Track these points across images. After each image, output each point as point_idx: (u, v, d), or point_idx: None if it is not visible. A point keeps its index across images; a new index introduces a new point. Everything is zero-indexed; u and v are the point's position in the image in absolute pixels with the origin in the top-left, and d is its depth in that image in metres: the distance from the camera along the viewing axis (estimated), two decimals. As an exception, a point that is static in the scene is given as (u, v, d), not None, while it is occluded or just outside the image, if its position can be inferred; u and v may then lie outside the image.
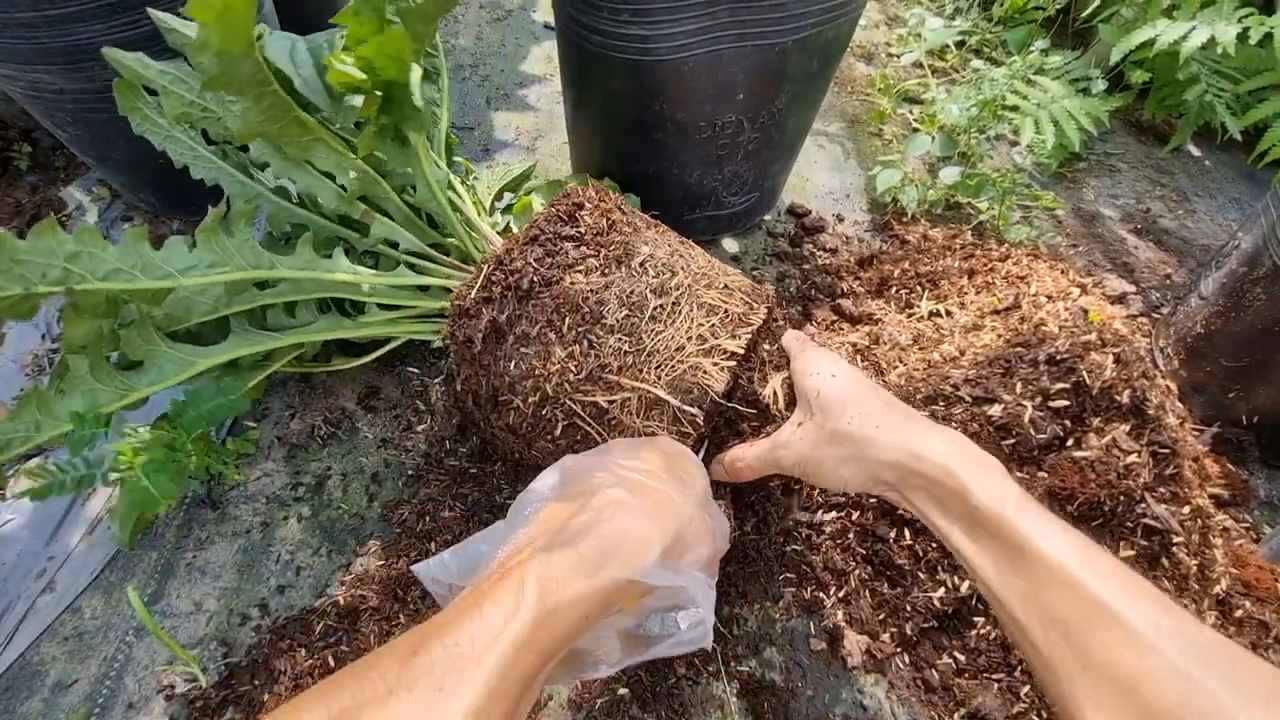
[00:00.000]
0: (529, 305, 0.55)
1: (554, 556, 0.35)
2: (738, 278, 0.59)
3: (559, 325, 0.54)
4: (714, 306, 0.55)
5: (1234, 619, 0.68)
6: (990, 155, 1.25)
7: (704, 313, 0.54)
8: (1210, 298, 0.83)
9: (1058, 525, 0.36)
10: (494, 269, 0.57)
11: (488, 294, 0.57)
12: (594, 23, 0.76)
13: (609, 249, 0.57)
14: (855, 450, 0.45)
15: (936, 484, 0.41)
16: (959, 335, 0.80)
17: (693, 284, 0.56)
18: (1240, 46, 1.08)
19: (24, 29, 0.74)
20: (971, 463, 0.41)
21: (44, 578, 0.68)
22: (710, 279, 0.57)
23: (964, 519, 0.39)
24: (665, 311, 0.54)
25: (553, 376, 0.54)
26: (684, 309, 0.54)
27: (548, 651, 0.33)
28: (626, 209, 0.63)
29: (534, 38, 1.48)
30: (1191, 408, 0.86)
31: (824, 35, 0.79)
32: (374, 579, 0.68)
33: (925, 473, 0.41)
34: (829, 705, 0.63)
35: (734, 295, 0.56)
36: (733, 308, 0.55)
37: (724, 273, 0.59)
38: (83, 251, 0.56)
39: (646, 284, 0.55)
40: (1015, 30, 1.46)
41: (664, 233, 0.62)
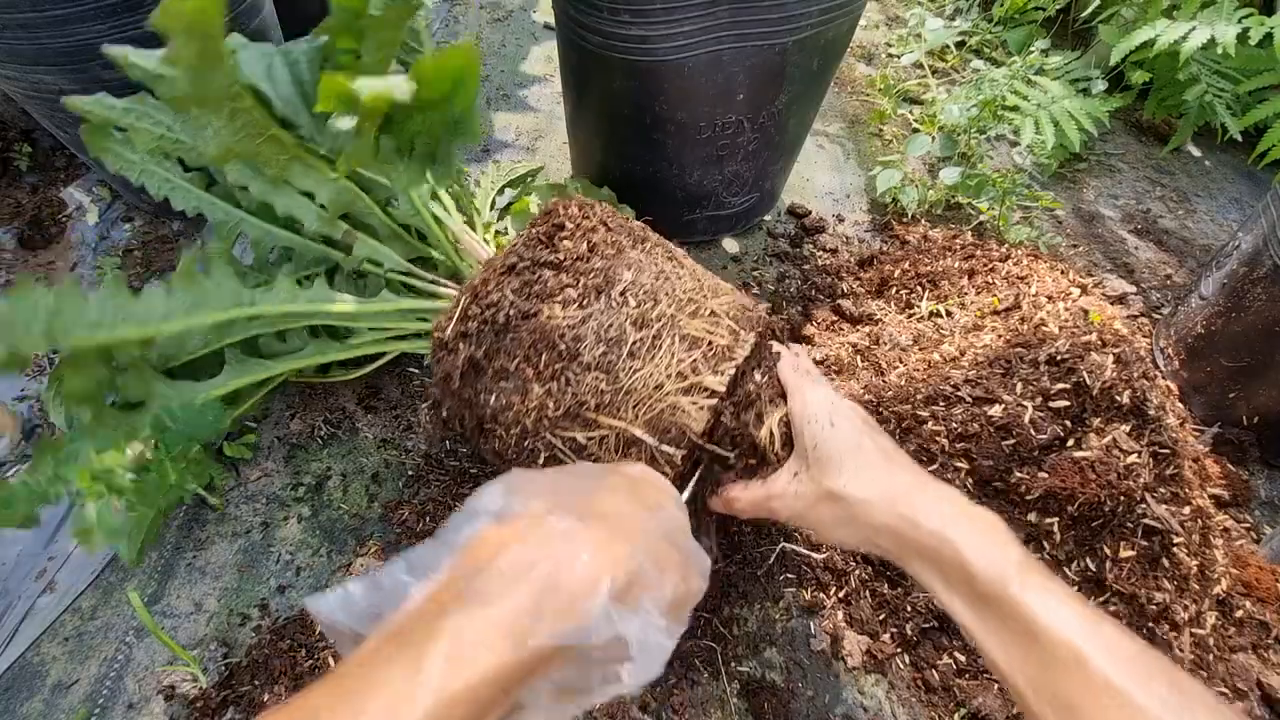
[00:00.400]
0: (506, 339, 0.54)
1: (475, 614, 0.28)
2: (728, 299, 0.56)
3: (536, 362, 0.52)
4: (697, 339, 0.52)
5: (1234, 619, 0.68)
6: (990, 156, 1.25)
7: (686, 346, 0.52)
8: (1211, 298, 0.83)
9: (1061, 593, 0.35)
10: (470, 302, 0.55)
11: (464, 329, 0.55)
12: (594, 23, 0.76)
13: (588, 276, 0.54)
14: (850, 513, 0.43)
15: (934, 553, 0.39)
16: (959, 335, 0.80)
17: (676, 313, 0.53)
18: (1240, 47, 1.08)
19: (24, 30, 0.74)
20: (970, 528, 0.39)
21: (44, 578, 0.68)
22: (697, 305, 0.54)
23: (965, 591, 0.38)
24: (645, 346, 0.51)
25: (531, 412, 0.53)
26: (664, 343, 0.51)
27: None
28: (613, 223, 0.60)
29: (534, 38, 1.48)
30: (1192, 408, 0.86)
31: (824, 36, 0.79)
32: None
33: (922, 541, 0.40)
34: (829, 705, 0.63)
35: (720, 324, 0.53)
36: (718, 339, 0.52)
37: (714, 293, 0.56)
38: (64, 307, 0.57)
39: (626, 316, 0.52)
40: (1015, 31, 1.46)
41: (651, 250, 0.58)
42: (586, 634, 0.30)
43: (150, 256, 0.99)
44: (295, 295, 0.64)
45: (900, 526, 0.41)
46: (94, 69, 0.77)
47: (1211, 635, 0.65)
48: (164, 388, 0.66)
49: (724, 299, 0.56)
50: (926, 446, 0.68)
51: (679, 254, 0.60)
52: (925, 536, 0.39)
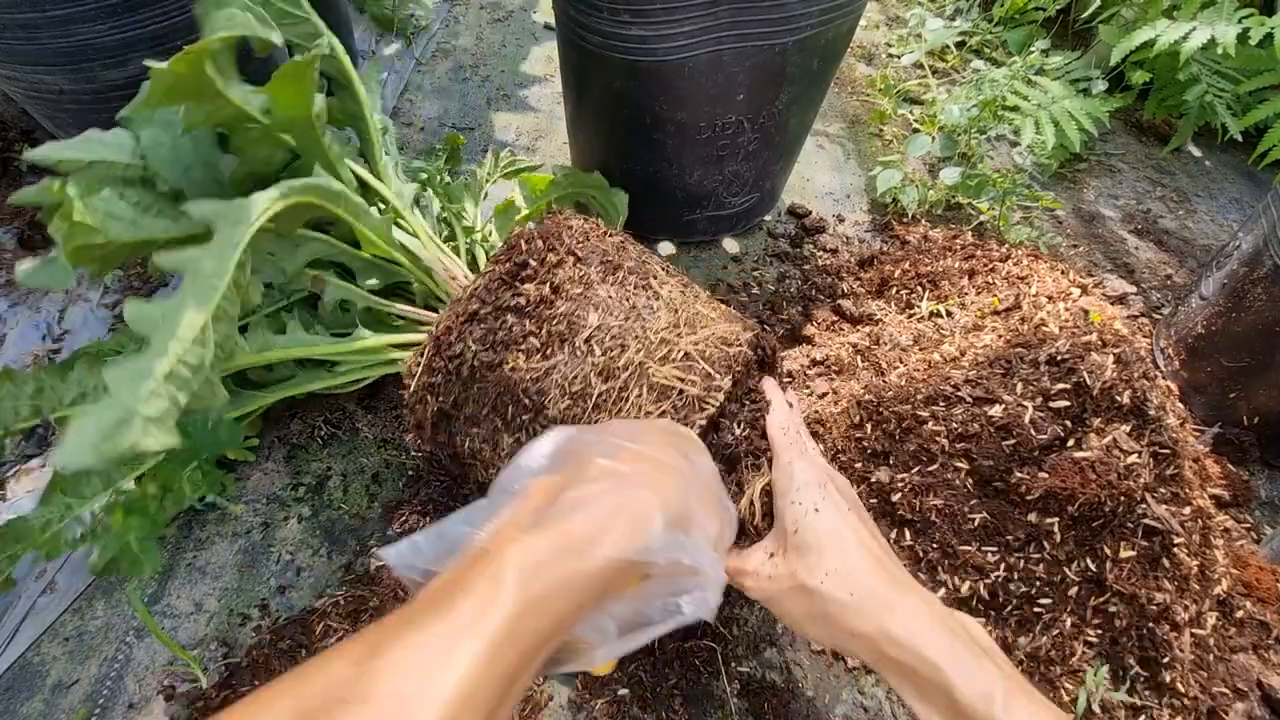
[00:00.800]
0: (473, 389, 0.52)
1: (538, 537, 0.30)
2: (706, 333, 0.52)
3: (503, 413, 0.51)
4: (666, 389, 0.49)
5: (1235, 620, 0.68)
6: (991, 156, 1.25)
7: (654, 397, 0.49)
8: (1211, 298, 0.83)
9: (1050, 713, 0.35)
10: (434, 354, 0.54)
11: (430, 381, 0.54)
12: (594, 23, 0.76)
13: (551, 323, 0.51)
14: (824, 611, 0.40)
15: (913, 672, 0.37)
16: (959, 336, 0.80)
17: (645, 360, 0.50)
18: (1240, 47, 1.08)
19: (25, 30, 0.74)
20: (953, 647, 0.37)
21: (44, 578, 0.68)
22: (669, 346, 0.51)
23: (945, 708, 0.36)
24: (610, 398, 0.49)
25: (505, 459, 0.52)
26: (631, 394, 0.49)
27: (532, 648, 0.28)
28: (584, 249, 0.55)
29: (534, 38, 1.49)
30: (1192, 408, 0.86)
31: (824, 36, 0.79)
32: (375, 579, 0.68)
33: (900, 659, 0.38)
34: (829, 706, 0.63)
35: (694, 369, 0.50)
36: (689, 388, 0.49)
37: (691, 327, 0.52)
38: (44, 387, 0.60)
39: (591, 366, 0.50)
40: (1015, 31, 1.46)
41: (624, 281, 0.54)
42: (650, 553, 0.32)
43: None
44: (270, 342, 0.62)
45: (878, 640, 0.38)
46: (94, 69, 0.77)
47: (1212, 636, 0.65)
48: None
49: (701, 334, 0.52)
50: (926, 446, 0.68)
51: (657, 279, 0.56)
52: (905, 655, 0.37)
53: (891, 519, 0.68)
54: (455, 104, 1.30)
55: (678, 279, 0.58)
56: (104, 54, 0.76)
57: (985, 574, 0.64)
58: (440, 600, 0.28)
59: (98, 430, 0.35)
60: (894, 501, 0.68)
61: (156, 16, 0.76)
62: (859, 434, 0.73)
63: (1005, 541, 0.65)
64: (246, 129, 0.53)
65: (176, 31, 0.79)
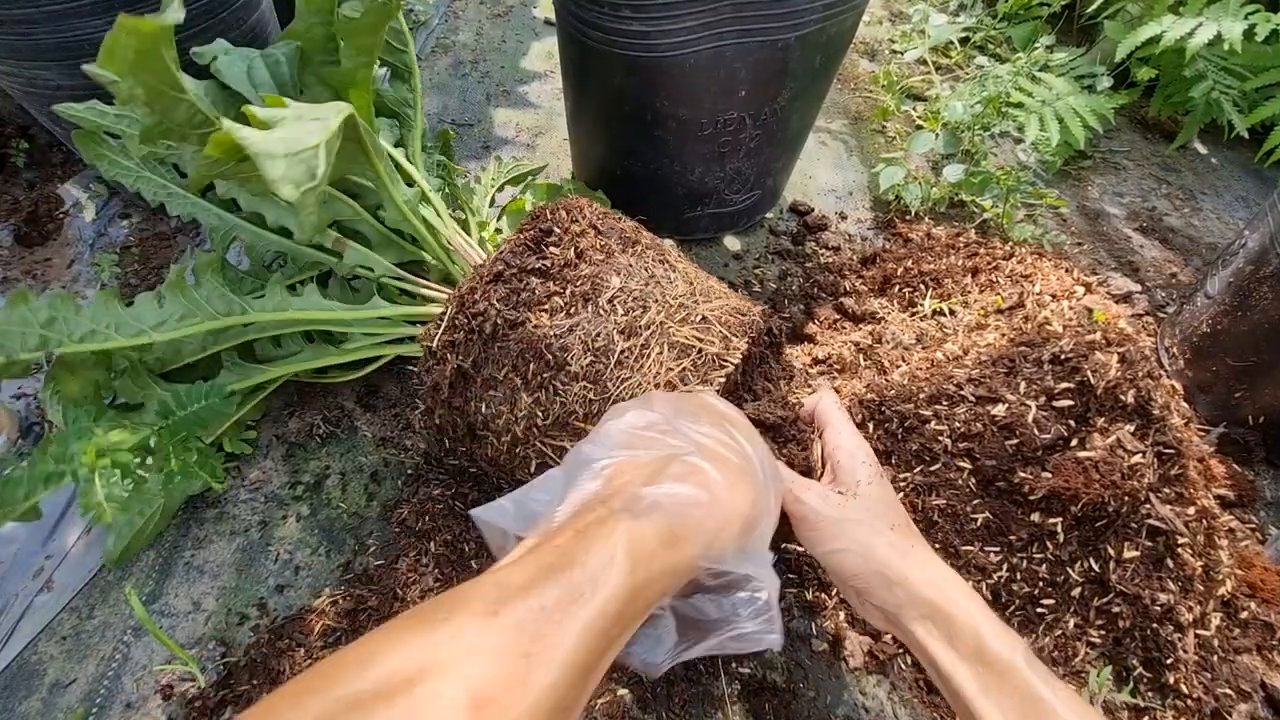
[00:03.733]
0: (494, 348, 0.53)
1: (643, 524, 0.32)
2: (721, 303, 0.55)
3: (524, 371, 0.52)
4: (686, 346, 0.51)
5: (1239, 620, 0.67)
6: (994, 153, 1.25)
7: (674, 355, 0.51)
8: (1216, 297, 0.82)
9: (1062, 683, 0.38)
10: (456, 312, 0.55)
11: (452, 338, 0.55)
12: (595, 19, 0.75)
13: (575, 284, 0.53)
14: (872, 552, 0.43)
15: (947, 617, 0.40)
16: (962, 334, 0.79)
17: (665, 320, 0.52)
18: (1247, 43, 1.07)
19: (21, 25, 0.73)
20: (985, 608, 0.40)
21: (42, 576, 0.68)
22: (687, 310, 0.53)
23: (973, 657, 0.39)
24: (632, 356, 0.51)
25: (521, 421, 0.53)
26: (653, 352, 0.51)
27: (629, 626, 0.30)
28: (604, 225, 0.58)
29: (535, 34, 1.48)
30: (1197, 408, 0.86)
31: (826, 31, 0.78)
32: (373, 578, 0.68)
33: (937, 601, 0.40)
34: (830, 706, 0.63)
35: (712, 329, 0.52)
36: (708, 346, 0.51)
37: (706, 297, 0.55)
38: (57, 317, 0.59)
39: (614, 324, 0.51)
40: (1020, 27, 1.45)
41: (642, 253, 0.57)
42: (724, 560, 0.34)
43: (148, 253, 0.99)
44: (287, 303, 0.64)
45: (917, 581, 0.41)
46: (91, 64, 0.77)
47: (1216, 636, 0.64)
48: (162, 390, 0.66)
49: (716, 303, 0.55)
50: (929, 446, 0.68)
51: (672, 256, 0.59)
52: (941, 596, 0.41)
53: (893, 519, 0.68)
54: (455, 100, 1.30)
55: (688, 261, 0.61)
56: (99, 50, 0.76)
57: (988, 574, 0.64)
58: (557, 570, 0.29)
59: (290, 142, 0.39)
60: (896, 501, 0.67)
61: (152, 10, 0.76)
62: (861, 433, 0.72)
63: (1008, 541, 0.64)
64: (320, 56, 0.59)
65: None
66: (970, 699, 0.38)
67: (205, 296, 0.63)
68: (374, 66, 0.58)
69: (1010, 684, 0.37)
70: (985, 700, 0.37)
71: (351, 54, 0.55)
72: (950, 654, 0.39)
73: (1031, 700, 0.36)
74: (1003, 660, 0.38)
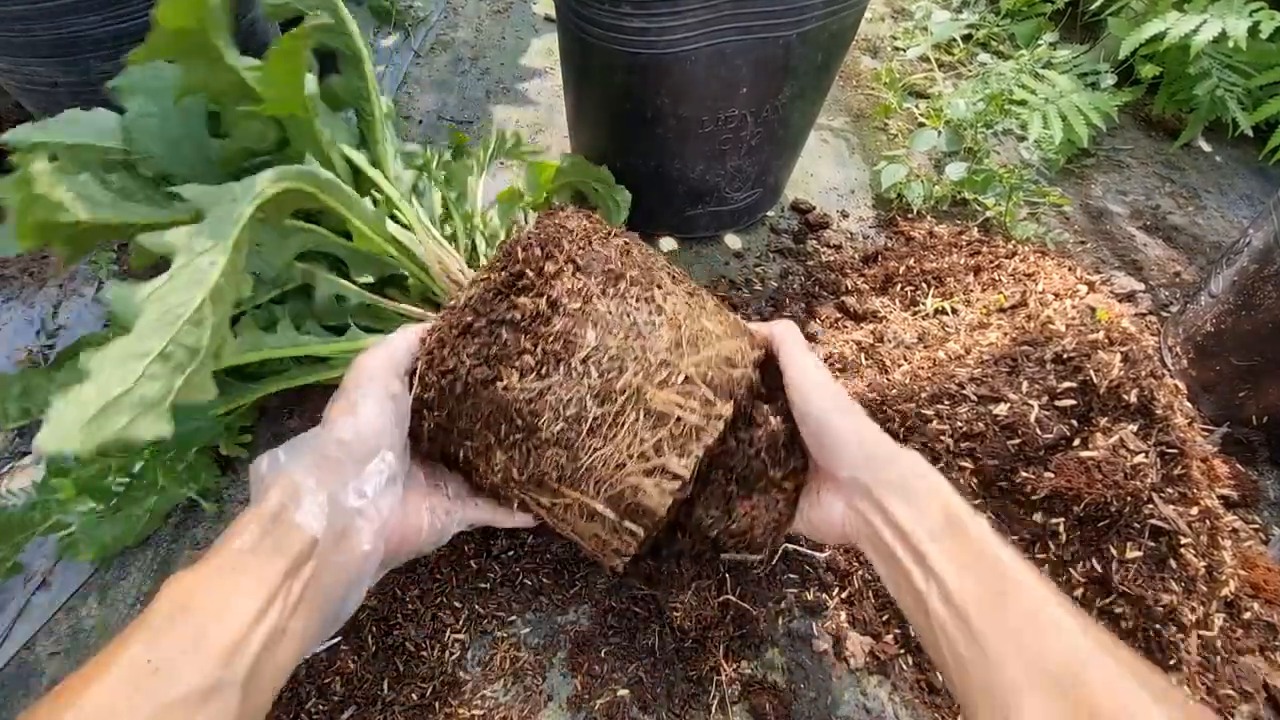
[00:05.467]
0: (466, 404, 0.51)
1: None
2: (710, 352, 0.50)
3: (496, 430, 0.50)
4: (664, 415, 0.47)
5: (1242, 621, 0.67)
6: (997, 151, 1.24)
7: (650, 424, 0.47)
8: (1220, 296, 0.82)
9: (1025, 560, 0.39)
10: (425, 369, 0.52)
11: (423, 395, 0.52)
12: (595, 15, 0.75)
13: (548, 341, 0.49)
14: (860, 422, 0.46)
15: (919, 477, 0.42)
16: (964, 333, 0.79)
17: (644, 383, 0.48)
18: (1252, 41, 1.07)
19: (18, 22, 0.73)
20: (950, 487, 0.43)
21: (39, 576, 0.68)
22: (670, 369, 0.48)
23: (938, 516, 0.40)
24: (605, 424, 0.47)
25: (498, 473, 0.51)
26: (627, 420, 0.47)
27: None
28: (585, 258, 0.52)
29: (534, 30, 1.47)
30: (1200, 407, 0.85)
31: (828, 28, 0.77)
32: (372, 578, 0.68)
33: (907, 465, 0.43)
34: (831, 707, 0.62)
35: (694, 393, 0.48)
36: (688, 415, 0.48)
37: (695, 346, 0.50)
38: (30, 386, 0.61)
39: (587, 388, 0.48)
40: (1023, 24, 1.45)
41: (625, 293, 0.51)
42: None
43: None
44: (260, 341, 0.61)
45: (879, 455, 0.44)
46: (88, 61, 0.76)
47: (1219, 637, 0.64)
48: None
49: (704, 354, 0.50)
50: (931, 445, 0.67)
51: (663, 286, 0.53)
52: (911, 463, 0.43)
53: (894, 519, 0.68)
54: (454, 97, 1.29)
55: (684, 286, 0.55)
56: (97, 45, 0.76)
57: (989, 575, 0.64)
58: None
59: (81, 413, 0.32)
60: (897, 501, 0.67)
61: (149, 8, 0.75)
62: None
63: (1010, 542, 0.64)
64: (239, 105, 0.52)
65: None
66: (934, 564, 0.38)
67: None
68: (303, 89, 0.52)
69: (979, 552, 0.38)
70: (948, 565, 0.38)
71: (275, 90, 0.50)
72: (912, 514, 0.41)
73: (998, 567, 0.37)
74: (972, 528, 0.39)
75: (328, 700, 0.60)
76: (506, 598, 0.67)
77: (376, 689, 0.61)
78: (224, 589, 0.35)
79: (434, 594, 0.66)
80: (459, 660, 0.63)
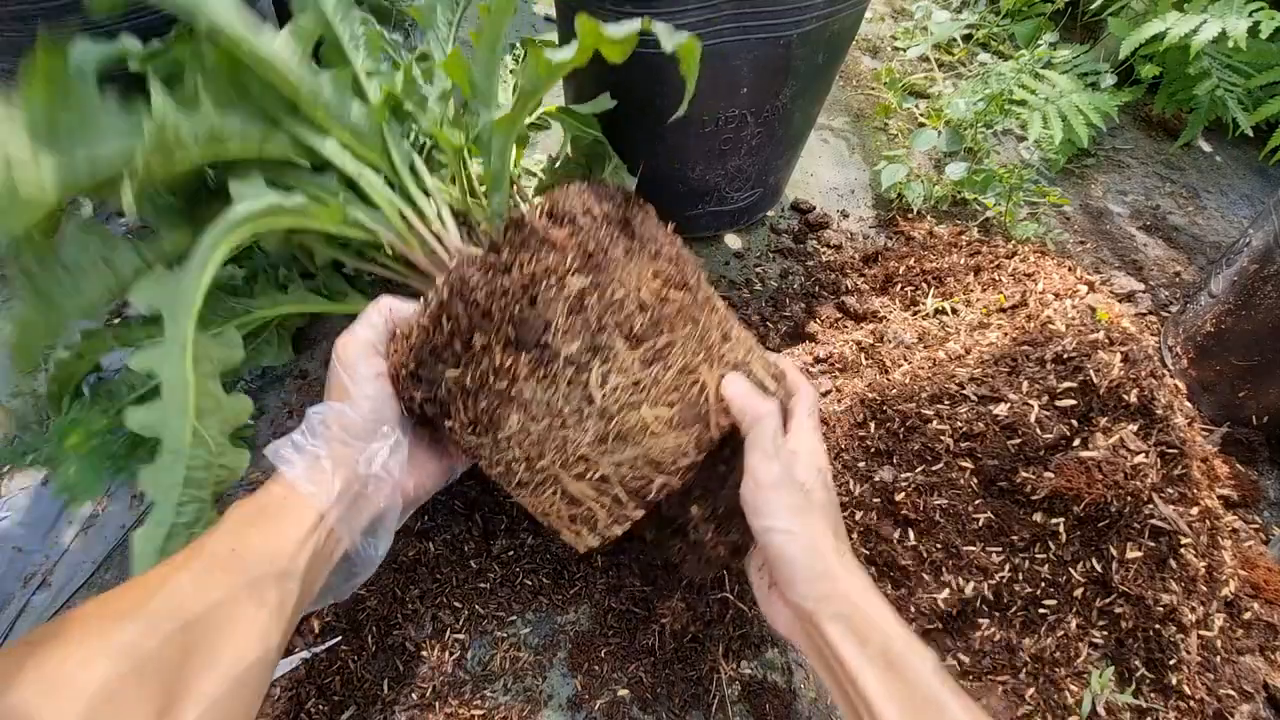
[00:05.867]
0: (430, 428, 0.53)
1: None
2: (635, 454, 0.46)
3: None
4: (577, 500, 0.47)
5: (1242, 621, 0.67)
6: (997, 151, 1.24)
7: (567, 502, 0.48)
8: (1220, 296, 0.82)
9: (967, 697, 0.39)
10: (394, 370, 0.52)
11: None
12: (595, 15, 0.75)
13: (473, 409, 0.47)
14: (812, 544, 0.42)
15: (864, 617, 0.40)
16: (965, 333, 0.79)
17: (561, 472, 0.47)
18: (1252, 40, 1.07)
19: (19, 21, 0.73)
20: (896, 615, 0.41)
21: (38, 576, 0.68)
22: (588, 465, 0.46)
23: (882, 660, 0.39)
24: (530, 486, 0.49)
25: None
26: (548, 491, 0.48)
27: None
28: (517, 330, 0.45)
29: (534, 30, 1.47)
30: (1200, 407, 0.85)
31: (829, 28, 0.77)
32: (372, 578, 0.67)
33: (855, 603, 0.41)
34: (832, 707, 0.62)
35: (608, 493, 0.47)
36: (597, 511, 0.47)
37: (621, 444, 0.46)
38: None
39: (513, 457, 0.48)
40: (1023, 24, 1.45)
41: (556, 380, 0.45)
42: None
43: (148, 251, 0.98)
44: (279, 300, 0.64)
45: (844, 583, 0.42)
46: (89, 61, 0.76)
47: (1219, 637, 0.64)
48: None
49: (630, 453, 0.45)
50: (931, 445, 0.67)
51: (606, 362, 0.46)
52: (864, 602, 0.41)
53: (895, 519, 0.68)
54: (455, 97, 1.29)
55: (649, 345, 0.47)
56: (98, 45, 0.75)
57: (990, 574, 0.64)
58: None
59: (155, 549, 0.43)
60: (897, 501, 0.67)
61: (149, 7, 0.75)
62: (862, 433, 0.72)
63: (1010, 542, 0.64)
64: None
65: (170, 20, 0.78)
66: (873, 700, 0.38)
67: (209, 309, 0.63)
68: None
69: (917, 690, 0.37)
70: (889, 704, 0.37)
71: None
72: (860, 655, 0.39)
73: (935, 706, 0.37)
74: (912, 667, 0.38)
75: (328, 700, 0.60)
76: (506, 598, 0.67)
77: (376, 689, 0.61)
78: (278, 514, 0.42)
79: (434, 594, 0.66)
80: (459, 660, 0.63)
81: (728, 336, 0.51)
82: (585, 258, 0.47)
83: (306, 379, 0.84)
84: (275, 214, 0.52)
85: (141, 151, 0.45)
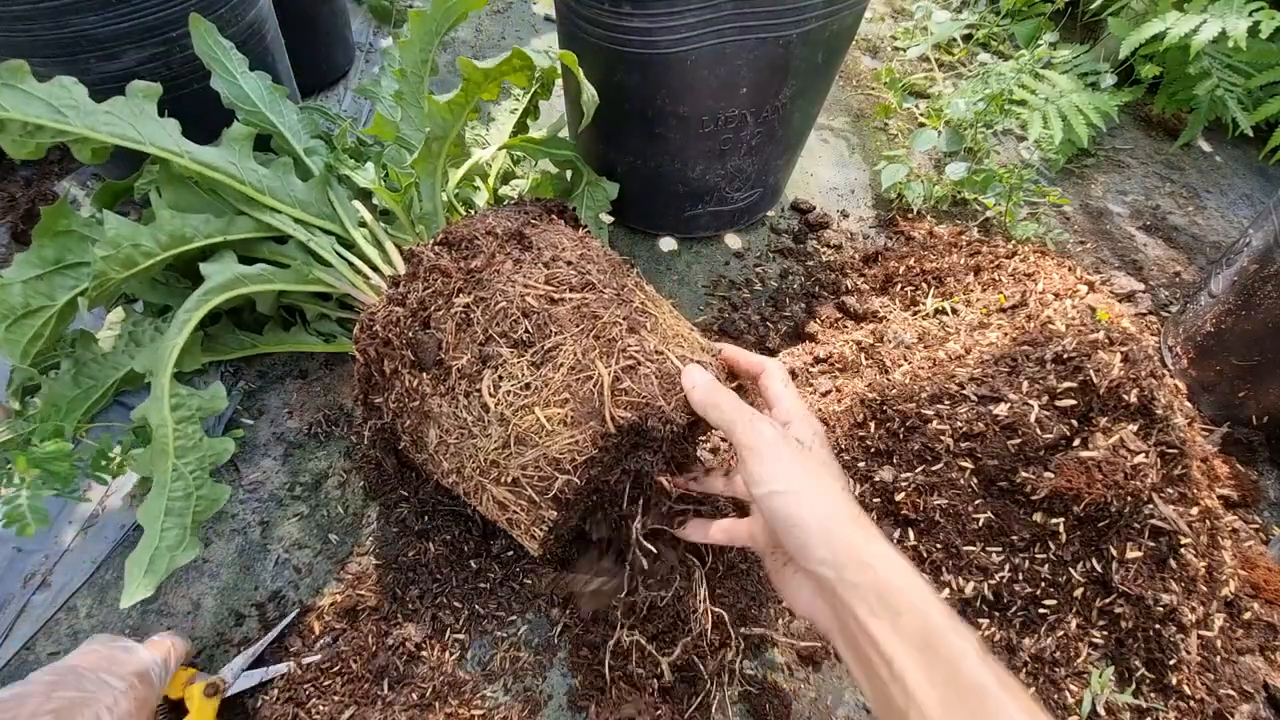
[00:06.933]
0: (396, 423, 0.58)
1: None
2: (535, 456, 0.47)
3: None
4: (504, 504, 0.50)
5: (1242, 621, 0.67)
6: (997, 151, 1.24)
7: (498, 508, 0.51)
8: (1220, 296, 0.82)
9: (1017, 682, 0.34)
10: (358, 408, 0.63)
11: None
12: (595, 15, 0.75)
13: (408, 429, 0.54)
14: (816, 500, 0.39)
15: (895, 590, 0.36)
16: (965, 333, 0.79)
17: (483, 479, 0.50)
18: (1251, 40, 1.07)
19: (19, 21, 0.73)
20: (929, 587, 0.37)
21: (38, 576, 0.68)
22: (500, 470, 0.48)
23: (920, 642, 0.35)
24: (470, 494, 0.54)
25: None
26: (484, 497, 0.52)
27: None
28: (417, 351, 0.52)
29: (534, 30, 1.47)
30: (1200, 407, 0.85)
31: (829, 28, 0.77)
32: (372, 578, 0.68)
33: (881, 574, 0.36)
34: (832, 707, 0.62)
35: (522, 495, 0.48)
36: (519, 515, 0.50)
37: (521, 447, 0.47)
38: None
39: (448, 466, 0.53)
40: (1023, 24, 1.45)
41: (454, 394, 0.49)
42: None
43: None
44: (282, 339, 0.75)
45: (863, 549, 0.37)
46: (89, 61, 0.76)
47: (1219, 637, 0.64)
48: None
49: (530, 456, 0.47)
50: (931, 445, 0.67)
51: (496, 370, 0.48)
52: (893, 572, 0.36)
53: (895, 518, 0.68)
54: (455, 97, 1.29)
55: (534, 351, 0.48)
56: (98, 45, 0.76)
57: (990, 574, 0.64)
58: None
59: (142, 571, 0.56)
60: (897, 501, 0.67)
61: (150, 8, 0.76)
62: (862, 432, 0.72)
63: (1010, 542, 0.64)
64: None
65: (169, 23, 0.78)
66: (912, 687, 0.33)
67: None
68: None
69: (960, 675, 0.32)
70: (930, 691, 0.32)
71: None
72: (893, 635, 0.34)
73: (980, 694, 0.31)
74: (954, 649, 0.33)
75: (328, 700, 0.60)
76: (506, 598, 0.67)
77: (376, 689, 0.61)
78: None
79: (434, 594, 0.66)
80: (459, 660, 0.63)
81: (636, 329, 0.50)
82: (468, 276, 0.51)
83: (306, 379, 0.84)
84: (239, 283, 0.64)
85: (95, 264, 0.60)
